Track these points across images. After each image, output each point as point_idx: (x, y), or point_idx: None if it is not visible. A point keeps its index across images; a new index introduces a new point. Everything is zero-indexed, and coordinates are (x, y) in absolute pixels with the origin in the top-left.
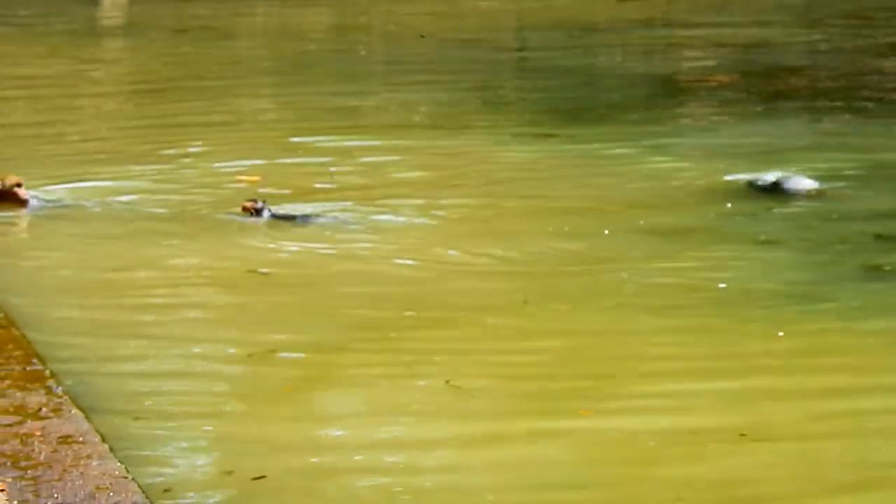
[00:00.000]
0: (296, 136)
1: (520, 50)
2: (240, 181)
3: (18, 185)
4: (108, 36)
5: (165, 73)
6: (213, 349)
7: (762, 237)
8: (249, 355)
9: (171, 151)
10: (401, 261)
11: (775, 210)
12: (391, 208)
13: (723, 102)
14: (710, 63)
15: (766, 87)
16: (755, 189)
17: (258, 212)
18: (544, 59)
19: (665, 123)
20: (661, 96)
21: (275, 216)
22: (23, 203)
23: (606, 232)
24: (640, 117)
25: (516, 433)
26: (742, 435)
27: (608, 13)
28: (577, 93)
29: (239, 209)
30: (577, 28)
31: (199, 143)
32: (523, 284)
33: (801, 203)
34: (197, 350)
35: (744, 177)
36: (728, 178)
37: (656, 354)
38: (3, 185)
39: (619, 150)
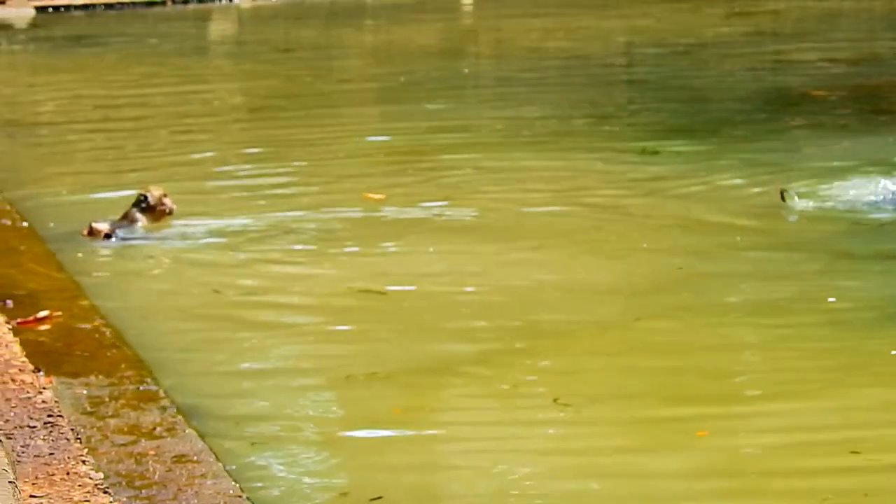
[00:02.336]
0: (403, 153)
1: (626, 66)
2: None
3: (164, 196)
4: (216, 56)
5: (272, 92)
6: (322, 370)
7: (876, 252)
8: (358, 376)
9: (280, 170)
10: (507, 279)
11: (887, 225)
12: (496, 227)
13: (831, 117)
14: (817, 78)
15: (875, 103)
16: (865, 204)
17: (108, 236)
18: (651, 76)
19: (772, 139)
20: (768, 112)
21: (125, 239)
22: (169, 212)
23: (714, 248)
24: (746, 133)
25: (628, 451)
26: (854, 452)
27: (716, 29)
28: (683, 109)
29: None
30: (684, 44)
31: (309, 161)
32: (634, 302)
33: None
34: (305, 371)
35: (853, 191)
36: (835, 192)
37: (769, 370)
38: (153, 198)
39: (724, 166)
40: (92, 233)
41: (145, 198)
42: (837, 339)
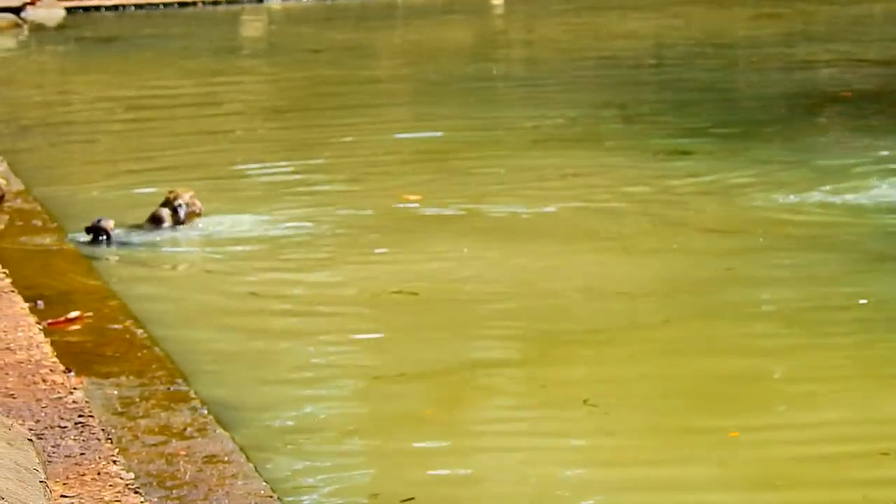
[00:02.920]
0: (434, 153)
1: (656, 67)
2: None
3: (193, 197)
4: (246, 56)
5: (302, 92)
6: (353, 371)
7: None
8: (390, 378)
9: (311, 170)
10: (537, 280)
11: None
12: (527, 227)
13: (860, 118)
14: (846, 79)
15: None
16: None
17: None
18: (681, 76)
19: (802, 140)
20: (797, 112)
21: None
22: (197, 213)
23: (747, 249)
24: (776, 134)
25: (657, 453)
26: (884, 454)
27: (746, 30)
28: (713, 110)
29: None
30: (714, 44)
31: (340, 161)
32: (664, 303)
33: None
34: (336, 372)
35: (883, 192)
36: (866, 193)
37: (800, 373)
38: (181, 199)
39: (754, 167)
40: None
41: (174, 198)
42: (869, 341)
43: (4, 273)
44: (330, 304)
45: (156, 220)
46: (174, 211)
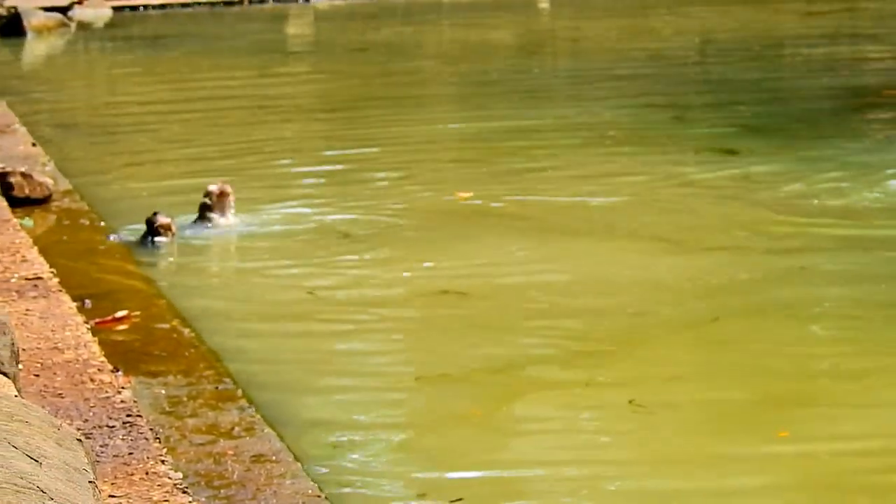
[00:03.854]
0: (480, 152)
1: (703, 65)
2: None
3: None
4: (291, 55)
5: (348, 91)
6: (401, 371)
7: None
8: (436, 377)
9: (357, 169)
10: (584, 279)
11: None
12: (574, 226)
13: None
14: (894, 78)
15: None
16: None
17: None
18: (728, 75)
19: (849, 138)
20: (844, 111)
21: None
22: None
23: (796, 248)
24: (823, 132)
25: (704, 453)
26: None
27: (793, 28)
28: (759, 108)
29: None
30: (761, 43)
31: (385, 160)
32: (712, 301)
33: None
34: (384, 372)
35: None
36: None
37: (852, 373)
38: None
39: (801, 166)
40: (155, 228)
41: (213, 192)
42: None
43: (52, 272)
44: (379, 303)
45: (203, 217)
46: (209, 200)
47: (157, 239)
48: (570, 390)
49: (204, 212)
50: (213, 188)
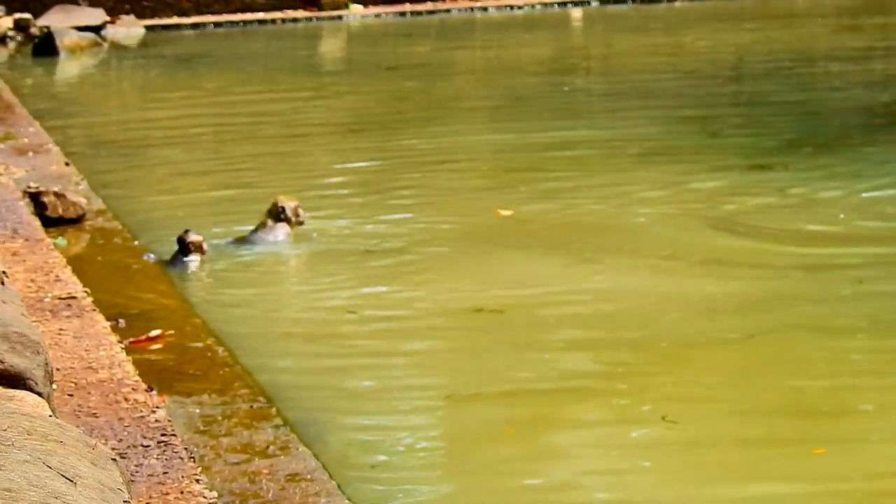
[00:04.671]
0: (513, 169)
1: (736, 81)
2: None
3: (298, 207)
4: (325, 73)
5: (381, 108)
6: (437, 389)
7: None
8: (471, 395)
9: (391, 186)
10: (618, 295)
11: None
12: (608, 243)
13: None
14: None
15: None
16: None
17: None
18: (761, 91)
19: (883, 154)
20: (878, 126)
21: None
22: (300, 224)
23: (832, 264)
24: (857, 148)
25: (740, 472)
26: None
27: (826, 43)
28: (792, 124)
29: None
30: (794, 59)
31: (419, 178)
32: (748, 319)
33: None
34: (421, 391)
35: None
36: None
37: (889, 391)
38: (289, 209)
39: (836, 181)
40: (186, 246)
41: (282, 209)
42: None
43: (86, 292)
44: (415, 321)
45: (262, 231)
46: (280, 216)
47: (188, 257)
48: (604, 408)
49: (264, 224)
50: (288, 203)
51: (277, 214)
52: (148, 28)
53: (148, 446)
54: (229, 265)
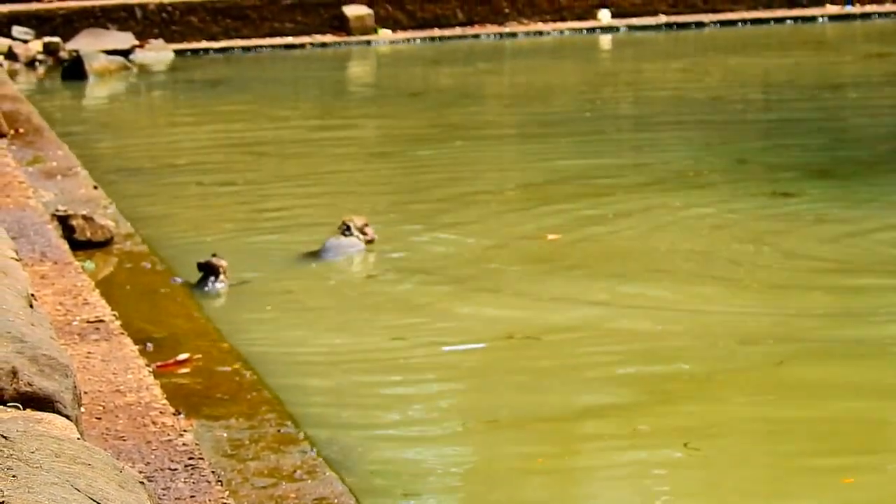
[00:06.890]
0: (542, 196)
1: (764, 108)
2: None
3: (366, 225)
4: (352, 99)
5: (410, 132)
6: (466, 416)
7: None
8: (502, 424)
9: (423, 212)
10: (645, 321)
11: None
12: (633, 269)
13: None
14: None
15: None
16: None
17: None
18: (788, 117)
19: None
20: None
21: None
22: (371, 241)
23: (860, 290)
24: (885, 176)
25: (767, 498)
26: None
27: (856, 70)
28: (818, 151)
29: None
30: (822, 85)
31: (453, 200)
32: (775, 346)
33: None
34: (450, 417)
35: None
36: None
37: None
38: (356, 226)
39: (862, 209)
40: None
41: (348, 227)
42: None
43: (114, 315)
44: (446, 345)
45: (332, 246)
46: (347, 233)
47: (215, 281)
48: (633, 437)
49: (335, 240)
50: (351, 223)
51: (345, 232)
52: (177, 52)
53: (175, 470)
54: (257, 290)
